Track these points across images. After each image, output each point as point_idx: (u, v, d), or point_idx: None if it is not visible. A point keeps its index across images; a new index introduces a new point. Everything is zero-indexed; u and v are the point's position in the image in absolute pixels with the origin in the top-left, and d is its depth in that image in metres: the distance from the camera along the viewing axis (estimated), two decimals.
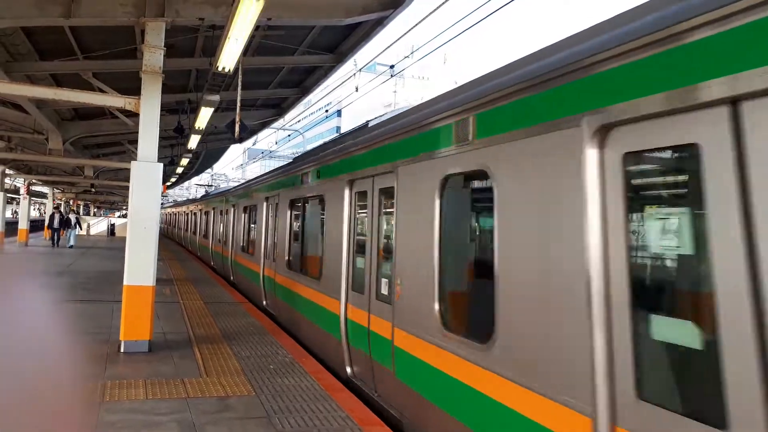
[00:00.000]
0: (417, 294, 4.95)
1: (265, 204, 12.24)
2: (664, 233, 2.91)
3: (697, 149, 2.48)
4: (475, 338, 4.08)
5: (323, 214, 7.97)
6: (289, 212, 10.20)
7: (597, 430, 2.82)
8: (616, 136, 2.90)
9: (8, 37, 9.86)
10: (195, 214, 28.44)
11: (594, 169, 2.98)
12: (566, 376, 3.10)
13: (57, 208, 30.78)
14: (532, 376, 3.37)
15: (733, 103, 2.35)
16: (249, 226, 14.43)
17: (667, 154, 2.86)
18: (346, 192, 7.01)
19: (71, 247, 25.93)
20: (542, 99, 3.49)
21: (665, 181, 3.12)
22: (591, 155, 2.99)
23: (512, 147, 3.74)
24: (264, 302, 11.78)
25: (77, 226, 28.52)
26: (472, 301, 4.78)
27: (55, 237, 27.07)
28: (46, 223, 29.23)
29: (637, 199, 3.03)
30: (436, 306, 4.63)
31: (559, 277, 3.20)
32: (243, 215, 15.15)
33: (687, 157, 2.73)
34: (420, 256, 4.92)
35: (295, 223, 10.04)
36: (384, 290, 5.82)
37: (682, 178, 2.96)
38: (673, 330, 2.74)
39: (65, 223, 27.27)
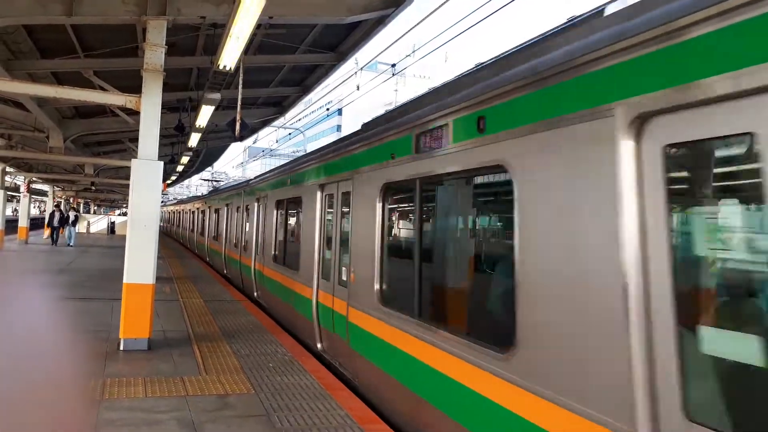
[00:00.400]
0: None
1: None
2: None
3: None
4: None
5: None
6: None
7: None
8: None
9: (10, 35, 9.87)
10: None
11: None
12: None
13: (57, 206, 30.40)
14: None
15: None
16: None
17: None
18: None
19: (70, 245, 25.72)
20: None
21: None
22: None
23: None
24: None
25: (76, 224, 28.23)
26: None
27: (55, 235, 26.77)
28: (47, 221, 28.90)
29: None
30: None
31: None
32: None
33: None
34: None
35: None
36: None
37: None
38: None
39: (65, 221, 26.97)
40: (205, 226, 22.96)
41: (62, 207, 31.08)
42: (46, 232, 28.59)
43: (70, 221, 26.92)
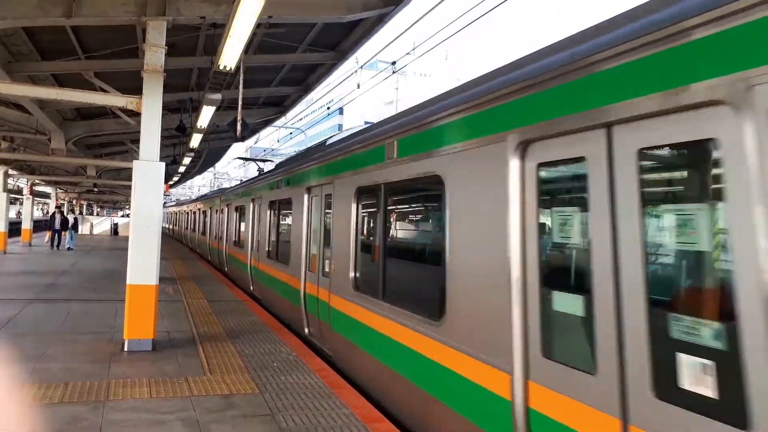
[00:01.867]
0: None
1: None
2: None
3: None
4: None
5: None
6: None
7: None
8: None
9: (10, 37, 9.88)
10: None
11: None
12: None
13: (59, 207, 29.30)
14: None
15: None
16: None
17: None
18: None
19: (69, 249, 25.08)
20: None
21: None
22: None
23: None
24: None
25: (76, 227, 27.19)
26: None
27: (56, 238, 25.98)
28: (48, 224, 27.91)
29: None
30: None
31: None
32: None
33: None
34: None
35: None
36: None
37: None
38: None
39: (66, 224, 26.15)
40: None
41: (63, 209, 30.30)
42: (48, 235, 27.82)
43: (70, 224, 26.20)
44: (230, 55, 7.22)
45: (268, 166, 31.50)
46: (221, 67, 7.58)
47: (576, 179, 3.47)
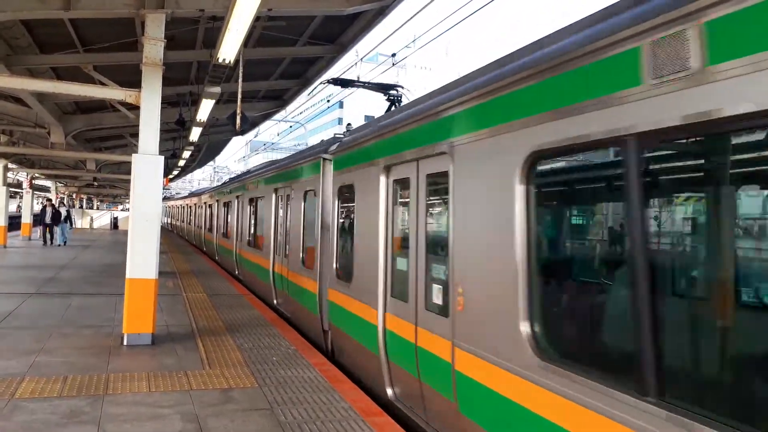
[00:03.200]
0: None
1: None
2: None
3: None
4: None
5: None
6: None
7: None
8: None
9: (8, 30, 9.83)
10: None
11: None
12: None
13: (50, 200, 27.23)
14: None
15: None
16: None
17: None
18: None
19: (61, 244, 23.80)
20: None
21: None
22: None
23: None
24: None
25: (68, 221, 25.80)
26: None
27: (47, 233, 24.30)
28: (39, 218, 25.83)
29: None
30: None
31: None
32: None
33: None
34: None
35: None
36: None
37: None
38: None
39: (58, 218, 24.42)
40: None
41: (55, 202, 28.53)
42: (38, 229, 25.85)
43: (62, 218, 24.55)
44: (229, 48, 7.19)
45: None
46: (220, 60, 7.54)
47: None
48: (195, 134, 14.43)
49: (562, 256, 3.93)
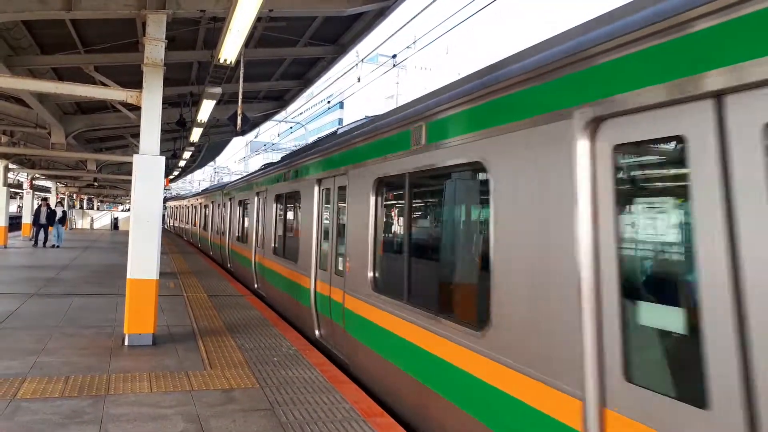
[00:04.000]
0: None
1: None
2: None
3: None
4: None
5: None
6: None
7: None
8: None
9: (9, 31, 9.84)
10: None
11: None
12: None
13: (45, 200, 25.84)
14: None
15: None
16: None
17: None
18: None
19: (56, 246, 22.87)
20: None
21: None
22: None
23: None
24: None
25: (63, 222, 24.51)
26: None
27: (40, 235, 23.34)
28: (32, 218, 24.58)
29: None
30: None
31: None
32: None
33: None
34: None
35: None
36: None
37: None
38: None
39: (51, 218, 23.37)
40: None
41: (53, 203, 26.85)
42: (29, 230, 24.73)
43: (57, 218, 23.51)
44: (230, 49, 7.20)
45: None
46: (221, 61, 7.55)
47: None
48: (196, 135, 14.43)
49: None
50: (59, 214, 23.93)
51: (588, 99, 3.00)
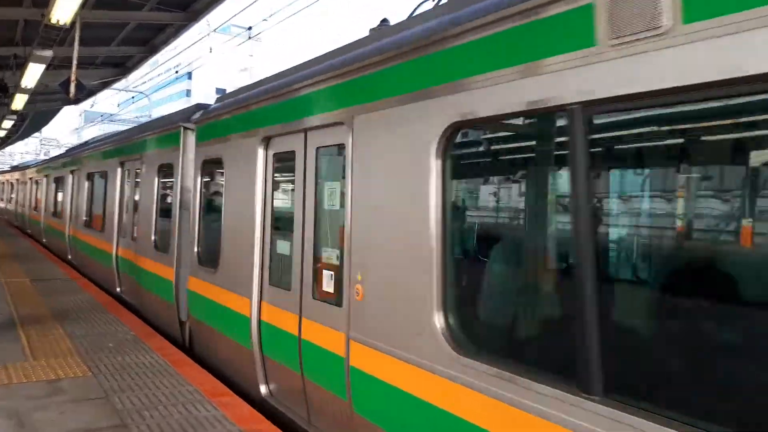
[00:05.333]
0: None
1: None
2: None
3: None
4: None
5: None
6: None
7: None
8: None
9: None
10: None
11: None
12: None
13: None
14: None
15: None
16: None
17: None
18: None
19: None
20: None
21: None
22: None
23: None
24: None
25: None
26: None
27: None
28: None
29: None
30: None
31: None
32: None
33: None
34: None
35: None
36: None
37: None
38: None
39: None
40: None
41: None
42: None
43: None
44: (65, 8, 6.54)
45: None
46: (54, 21, 6.84)
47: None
48: (19, 102, 12.90)
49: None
50: None
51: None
